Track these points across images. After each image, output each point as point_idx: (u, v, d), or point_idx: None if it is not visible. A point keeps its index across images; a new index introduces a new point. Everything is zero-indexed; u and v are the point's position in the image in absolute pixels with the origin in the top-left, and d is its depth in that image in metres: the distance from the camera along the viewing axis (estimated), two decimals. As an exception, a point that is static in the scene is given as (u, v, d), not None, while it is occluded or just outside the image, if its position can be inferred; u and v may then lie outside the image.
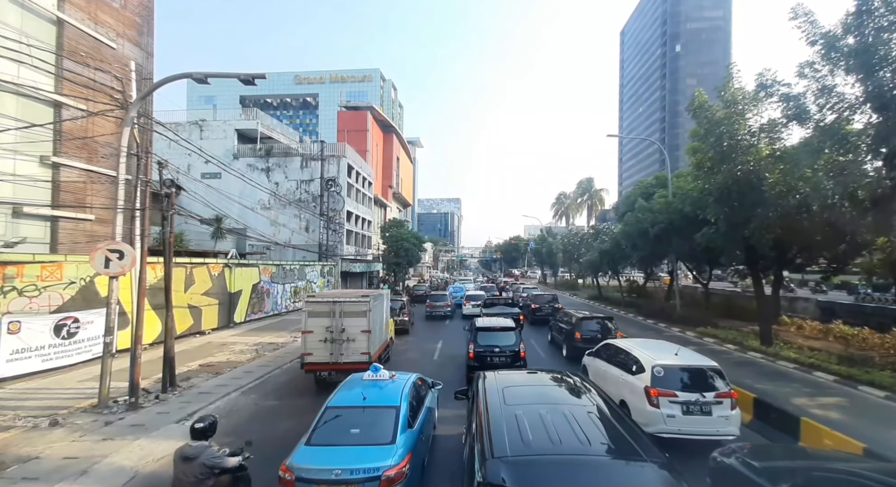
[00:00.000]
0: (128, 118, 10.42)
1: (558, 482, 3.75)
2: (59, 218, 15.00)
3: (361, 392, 6.68)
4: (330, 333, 11.60)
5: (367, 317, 11.75)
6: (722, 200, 15.80)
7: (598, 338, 13.50)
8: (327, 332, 11.59)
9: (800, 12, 12.26)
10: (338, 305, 11.73)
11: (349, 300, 11.90)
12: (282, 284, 28.26)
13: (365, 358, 11.44)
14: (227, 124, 41.47)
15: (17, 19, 13.79)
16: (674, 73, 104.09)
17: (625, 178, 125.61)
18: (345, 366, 11.31)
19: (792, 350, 15.63)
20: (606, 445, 4.28)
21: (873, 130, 11.43)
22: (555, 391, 5.99)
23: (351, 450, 5.63)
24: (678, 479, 3.73)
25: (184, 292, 18.56)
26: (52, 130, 14.57)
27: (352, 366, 11.01)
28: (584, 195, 75.13)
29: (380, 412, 6.27)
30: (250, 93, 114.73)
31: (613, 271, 37.47)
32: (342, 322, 11.68)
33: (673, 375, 8.03)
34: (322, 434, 5.92)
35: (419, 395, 7.53)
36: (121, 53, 16.47)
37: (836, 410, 10.07)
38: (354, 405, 6.42)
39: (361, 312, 11.77)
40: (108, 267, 9.78)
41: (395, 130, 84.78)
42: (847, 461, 5.55)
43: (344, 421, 6.12)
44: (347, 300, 11.89)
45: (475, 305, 25.21)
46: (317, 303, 11.91)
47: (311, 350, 11.53)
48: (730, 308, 25.87)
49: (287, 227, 38.49)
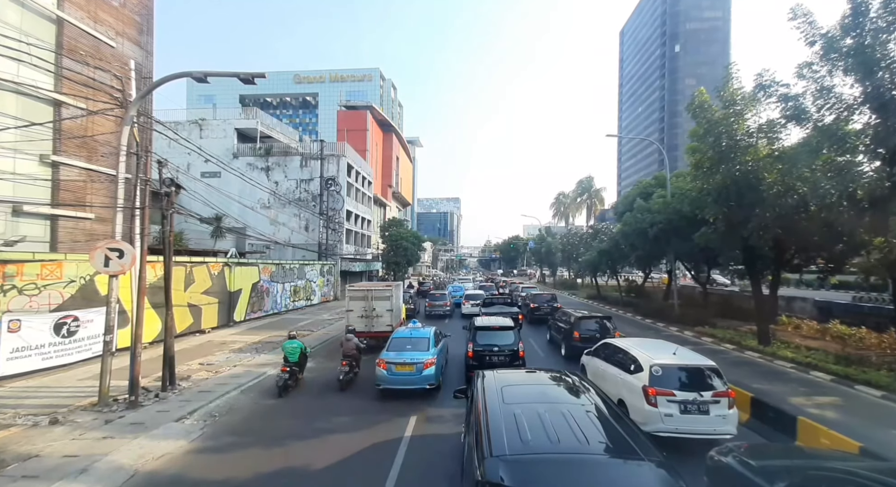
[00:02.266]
0: (127, 117, 10.43)
1: (556, 480, 3.76)
2: (59, 217, 15.01)
3: (410, 332, 12.65)
4: (365, 311, 16.58)
5: (390, 300, 16.90)
6: (720, 200, 15.83)
7: (596, 337, 13.53)
8: (363, 310, 16.58)
9: (799, 13, 12.28)
10: (370, 292, 16.89)
11: (377, 289, 17.25)
12: (281, 283, 28.28)
13: (389, 328, 16.11)
14: (226, 123, 41.46)
15: (17, 18, 13.79)
16: (673, 72, 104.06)
17: (624, 178, 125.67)
18: (375, 334, 16.19)
19: (789, 350, 15.67)
20: (605, 444, 4.30)
21: (871, 131, 11.45)
22: (553, 391, 6.00)
23: (409, 353, 11.21)
24: (676, 478, 3.74)
25: (183, 291, 18.57)
26: (52, 129, 14.58)
27: (380, 334, 15.92)
28: (583, 195, 75.13)
29: (420, 339, 12.01)
30: (250, 92, 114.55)
31: (612, 271, 37.47)
32: (373, 304, 16.67)
33: (671, 374, 8.06)
34: (393, 346, 11.70)
35: (438, 335, 13.00)
36: (120, 52, 16.46)
37: (833, 409, 10.11)
38: (407, 336, 12.28)
39: (386, 297, 16.89)
40: (107, 266, 9.79)
41: (394, 130, 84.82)
42: (843, 460, 5.58)
43: (402, 342, 11.85)
44: (376, 289, 17.24)
45: (474, 304, 25.21)
46: (356, 291, 17.13)
47: (352, 323, 15.75)
48: (728, 308, 25.90)
49: (287, 226, 38.50)
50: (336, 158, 41.48)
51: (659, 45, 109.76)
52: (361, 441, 8.30)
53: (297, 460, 7.57)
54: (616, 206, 38.21)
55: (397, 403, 10.62)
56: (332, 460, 7.53)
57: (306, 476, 7.01)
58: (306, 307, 31.36)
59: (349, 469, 7.29)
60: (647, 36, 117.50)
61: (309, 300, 32.53)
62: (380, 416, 9.70)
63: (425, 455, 7.72)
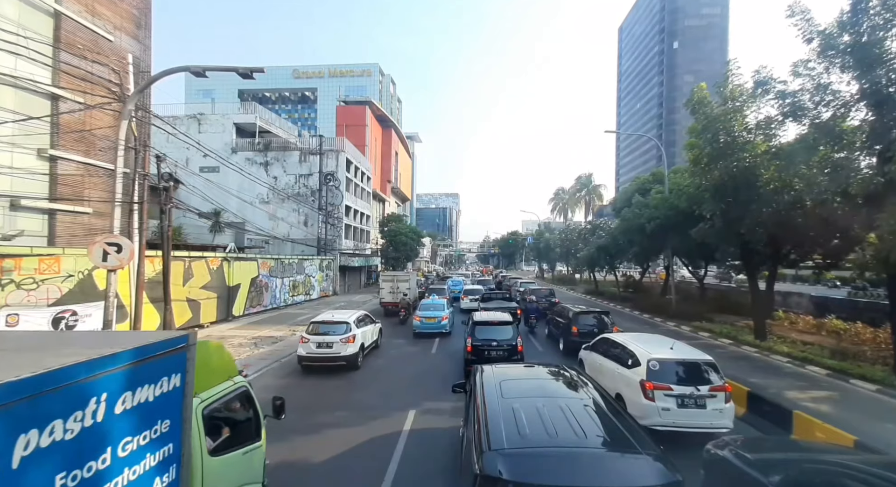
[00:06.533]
0: (125, 111, 10.41)
1: (554, 474, 3.79)
2: (57, 211, 14.96)
3: (432, 300, 20.95)
4: (391, 289, 25.09)
5: (408, 283, 25.50)
6: (717, 196, 15.88)
7: (594, 332, 13.56)
8: (391, 289, 25.13)
9: (796, 10, 12.27)
10: (395, 276, 26.17)
11: (400, 275, 26.53)
12: (280, 278, 28.30)
13: (407, 300, 23.77)
14: (225, 118, 41.30)
15: (15, 11, 13.67)
16: (671, 69, 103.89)
17: (622, 174, 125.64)
18: (397, 304, 23.70)
19: (785, 345, 15.78)
20: (602, 438, 4.35)
21: (868, 127, 11.51)
22: (551, 385, 6.05)
23: (432, 312, 19.10)
24: (672, 471, 3.79)
25: (182, 286, 18.57)
26: (50, 123, 14.48)
27: (400, 304, 23.38)
28: (581, 191, 75.16)
29: (438, 304, 20.09)
30: (249, 87, 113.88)
31: (610, 267, 37.63)
32: (397, 285, 25.16)
33: (668, 369, 8.12)
34: (423, 307, 19.75)
35: (448, 303, 21.82)
36: (118, 46, 16.36)
37: (828, 403, 10.20)
38: (430, 303, 20.26)
39: (406, 280, 25.60)
40: (105, 260, 9.77)
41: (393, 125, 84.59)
42: (838, 453, 5.64)
43: (428, 306, 19.88)
44: (400, 275, 26.46)
45: (473, 299, 25.37)
46: (386, 276, 26.53)
47: (383, 297, 25.35)
48: (725, 303, 26.02)
49: (285, 221, 38.45)
50: (335, 153, 41.39)
51: (657, 42, 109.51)
52: (361, 435, 8.35)
53: (297, 453, 7.62)
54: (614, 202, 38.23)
55: (397, 398, 10.66)
56: (331, 453, 7.59)
57: (306, 470, 7.07)
58: (305, 302, 31.39)
59: (349, 462, 7.34)
60: (645, 32, 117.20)
61: (308, 295, 32.56)
62: (379, 410, 9.75)
63: (424, 449, 7.77)
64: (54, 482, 2.33)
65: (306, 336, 13.09)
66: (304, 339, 13.08)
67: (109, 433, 2.68)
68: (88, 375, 2.52)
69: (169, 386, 3.19)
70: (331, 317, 14.00)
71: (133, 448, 2.86)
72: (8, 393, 2.09)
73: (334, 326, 13.35)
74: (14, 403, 2.13)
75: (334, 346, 12.80)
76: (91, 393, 2.54)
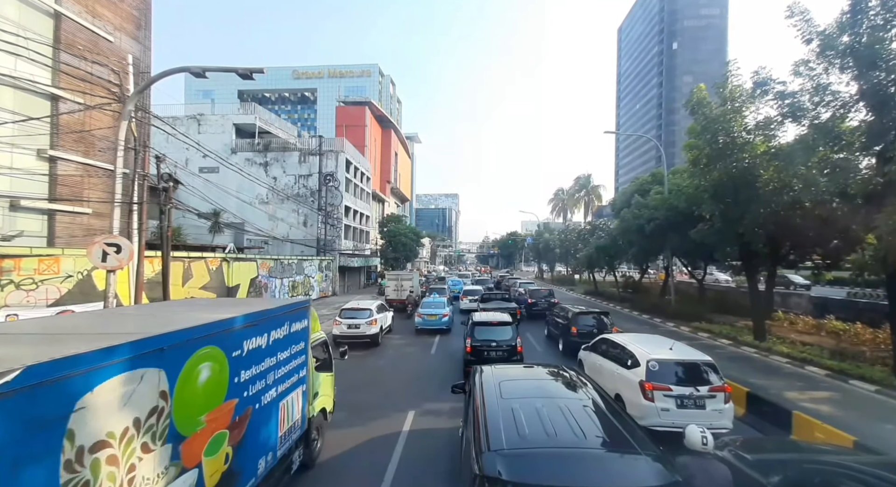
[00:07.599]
0: (125, 112, 10.41)
1: (553, 474, 3.79)
2: (57, 212, 14.95)
3: (434, 298, 22.48)
4: (396, 287, 27.39)
5: (412, 281, 27.88)
6: (717, 196, 15.89)
7: (593, 333, 13.57)
8: (395, 286, 27.45)
9: (795, 10, 12.28)
10: (399, 275, 28.53)
11: (404, 274, 29.08)
12: (280, 278, 28.27)
13: (410, 298, 26.03)
14: (225, 119, 41.29)
15: (15, 12, 13.67)
16: (670, 70, 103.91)
17: (621, 174, 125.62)
18: (402, 300, 25.89)
19: (785, 345, 15.78)
20: (601, 438, 4.34)
21: (867, 128, 11.51)
22: (551, 385, 6.04)
23: (433, 309, 20.08)
24: (672, 472, 3.79)
25: (181, 287, 18.53)
26: (49, 124, 14.48)
27: (404, 301, 25.81)
28: (581, 191, 75.08)
29: (439, 302, 21.19)
30: (248, 87, 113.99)
31: (609, 267, 37.61)
32: (401, 283, 27.53)
33: (667, 369, 8.13)
34: (424, 305, 20.91)
35: (448, 302, 22.86)
36: (118, 47, 16.36)
37: (828, 404, 10.20)
38: (432, 301, 21.52)
39: (409, 279, 27.99)
40: (105, 261, 9.77)
41: (393, 126, 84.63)
42: (838, 453, 5.63)
43: (429, 303, 21.04)
44: (403, 274, 29.05)
45: (472, 300, 25.39)
46: (392, 275, 29.24)
47: (388, 295, 26.78)
48: (724, 304, 26.03)
49: (285, 221, 38.43)
50: (334, 153, 41.37)
51: (657, 43, 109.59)
52: (360, 435, 8.35)
53: (296, 454, 7.60)
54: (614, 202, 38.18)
55: (396, 398, 10.67)
56: (331, 453, 7.58)
57: (306, 470, 7.05)
58: (304, 303, 31.29)
59: (348, 462, 7.34)
60: (644, 33, 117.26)
61: (307, 296, 32.50)
62: (379, 411, 9.75)
63: (423, 450, 7.77)
64: (263, 362, 5.07)
65: (339, 320, 16.61)
66: (337, 322, 16.64)
67: (283, 343, 5.66)
68: (279, 313, 5.54)
69: (302, 325, 6.37)
70: (357, 304, 17.48)
71: (291, 352, 5.91)
72: (248, 319, 4.74)
73: (360, 312, 16.84)
74: (244, 327, 4.66)
75: (361, 327, 16.24)
76: (281, 323, 5.60)
